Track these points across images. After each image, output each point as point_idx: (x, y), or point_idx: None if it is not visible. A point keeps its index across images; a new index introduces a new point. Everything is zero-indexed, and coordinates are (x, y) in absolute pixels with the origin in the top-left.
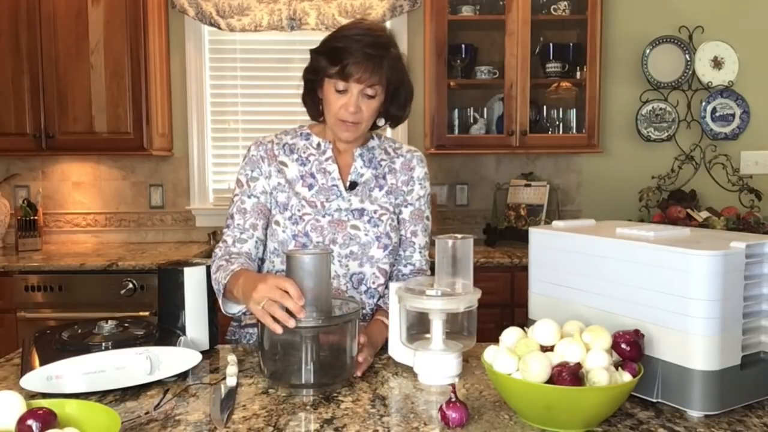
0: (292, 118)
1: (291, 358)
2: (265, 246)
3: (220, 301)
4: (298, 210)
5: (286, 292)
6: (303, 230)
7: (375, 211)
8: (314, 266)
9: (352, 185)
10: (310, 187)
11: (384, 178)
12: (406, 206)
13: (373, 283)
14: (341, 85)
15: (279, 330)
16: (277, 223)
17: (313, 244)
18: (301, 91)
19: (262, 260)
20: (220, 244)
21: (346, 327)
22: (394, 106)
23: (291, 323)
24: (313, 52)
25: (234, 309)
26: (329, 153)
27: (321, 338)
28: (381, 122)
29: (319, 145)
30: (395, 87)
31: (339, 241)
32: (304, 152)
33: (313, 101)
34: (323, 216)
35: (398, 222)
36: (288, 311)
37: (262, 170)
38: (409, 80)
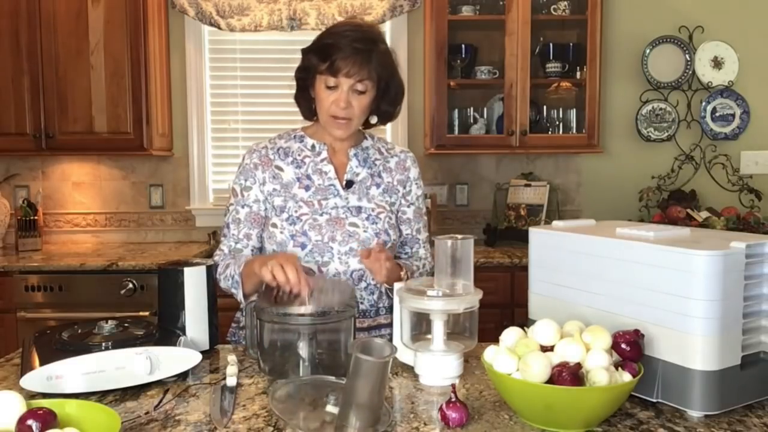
0: (292, 118)
1: (289, 355)
2: (261, 251)
3: (237, 294)
4: (295, 211)
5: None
6: (301, 229)
7: (373, 209)
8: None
9: (349, 183)
10: (307, 188)
11: (380, 176)
12: (408, 206)
13: (374, 279)
14: (331, 80)
15: (280, 277)
16: (274, 225)
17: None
18: (294, 91)
19: None
20: (218, 251)
21: (341, 324)
22: (385, 102)
23: (293, 285)
24: (304, 51)
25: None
26: (324, 154)
27: (318, 336)
28: (374, 119)
29: (313, 146)
30: (385, 82)
31: (338, 238)
32: (299, 155)
33: (305, 100)
34: (321, 215)
35: (396, 221)
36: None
37: (256, 178)
38: (399, 76)
